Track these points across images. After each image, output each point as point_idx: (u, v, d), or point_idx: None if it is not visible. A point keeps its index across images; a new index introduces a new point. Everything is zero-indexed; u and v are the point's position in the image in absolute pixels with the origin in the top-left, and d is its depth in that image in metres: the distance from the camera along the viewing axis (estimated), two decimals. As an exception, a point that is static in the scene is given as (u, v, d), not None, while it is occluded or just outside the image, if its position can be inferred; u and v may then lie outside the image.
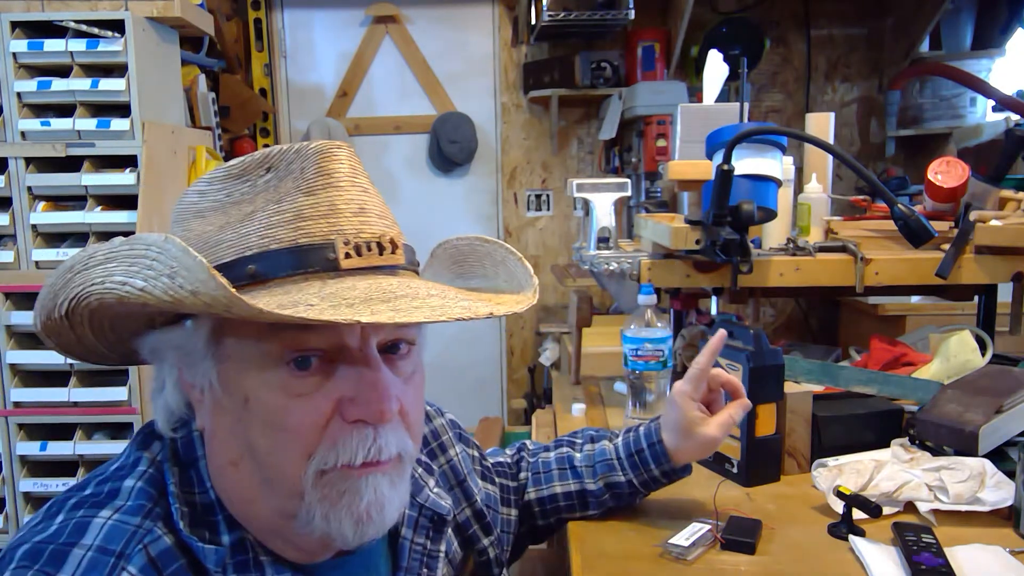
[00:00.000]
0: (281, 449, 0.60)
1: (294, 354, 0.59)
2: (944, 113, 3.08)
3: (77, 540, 0.58)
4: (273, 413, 0.59)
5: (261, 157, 0.63)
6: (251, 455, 0.61)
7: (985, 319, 1.55)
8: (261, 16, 3.28)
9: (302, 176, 0.61)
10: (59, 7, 2.20)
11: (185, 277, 0.52)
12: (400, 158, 3.45)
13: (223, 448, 0.63)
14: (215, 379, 0.61)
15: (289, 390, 0.59)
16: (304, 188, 0.61)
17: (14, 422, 2.22)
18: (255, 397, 0.59)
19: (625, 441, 1.04)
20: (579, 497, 1.04)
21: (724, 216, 1.23)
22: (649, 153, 2.92)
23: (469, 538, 0.87)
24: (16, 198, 2.17)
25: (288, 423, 0.59)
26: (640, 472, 1.02)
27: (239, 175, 0.63)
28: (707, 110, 1.65)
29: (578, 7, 2.91)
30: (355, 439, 0.60)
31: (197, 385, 0.63)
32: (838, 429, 1.22)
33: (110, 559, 0.57)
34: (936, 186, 1.49)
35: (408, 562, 0.74)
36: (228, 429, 0.62)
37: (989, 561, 0.91)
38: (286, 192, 0.61)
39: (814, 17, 3.31)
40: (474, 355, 3.54)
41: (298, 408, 0.59)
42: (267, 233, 0.59)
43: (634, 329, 1.33)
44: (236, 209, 0.62)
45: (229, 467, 0.63)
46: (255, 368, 0.59)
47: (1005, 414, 1.11)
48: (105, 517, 0.60)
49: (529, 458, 1.08)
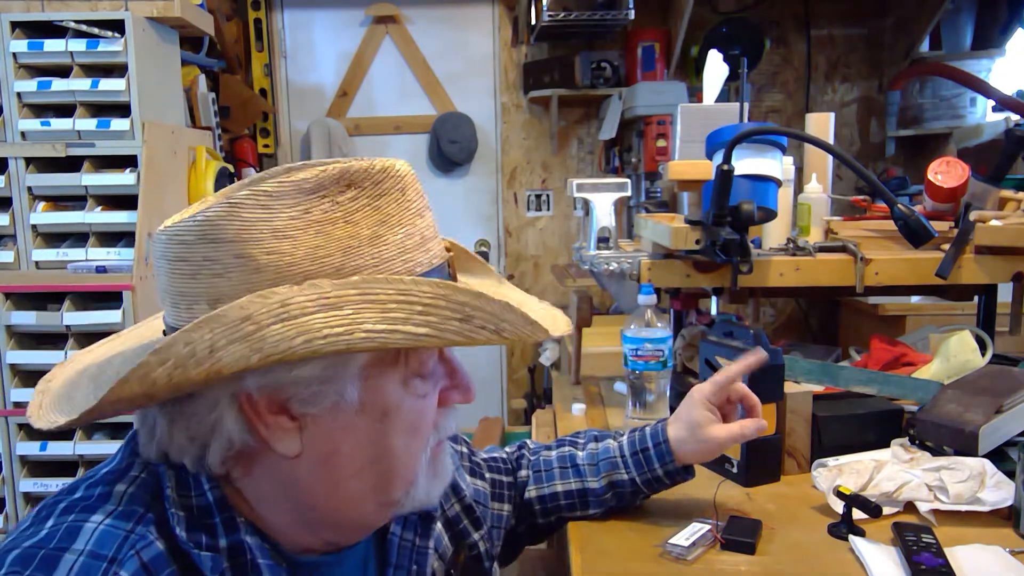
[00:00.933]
0: (413, 445, 0.67)
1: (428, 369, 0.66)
2: (944, 113, 3.08)
3: (68, 545, 0.57)
4: (411, 416, 0.65)
5: (337, 172, 0.61)
6: (380, 461, 0.65)
7: (985, 319, 1.55)
8: (261, 16, 3.28)
9: (404, 196, 0.64)
10: (59, 7, 2.20)
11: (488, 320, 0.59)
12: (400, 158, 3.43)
13: (347, 463, 0.64)
14: (353, 402, 0.62)
15: (418, 394, 0.66)
16: (413, 210, 0.65)
17: (14, 422, 2.22)
18: (396, 408, 0.64)
19: (631, 439, 1.04)
20: (580, 496, 1.04)
21: (724, 216, 1.23)
22: (649, 153, 2.92)
23: (459, 532, 0.88)
24: (16, 198, 2.18)
25: (420, 421, 0.67)
26: (644, 471, 1.02)
27: (312, 191, 0.60)
28: (707, 110, 1.65)
29: (578, 7, 2.91)
30: (450, 419, 0.72)
31: (308, 415, 0.62)
32: (838, 429, 1.22)
33: (102, 564, 0.56)
34: (936, 186, 1.49)
35: (397, 558, 0.76)
36: (358, 444, 0.64)
37: (989, 561, 0.91)
38: (395, 214, 0.63)
39: (814, 17, 3.31)
40: (474, 355, 3.54)
41: (427, 407, 0.67)
42: (408, 257, 0.63)
43: (634, 329, 1.33)
44: (335, 229, 0.60)
45: (350, 478, 0.65)
46: (395, 384, 0.64)
47: (1005, 414, 1.11)
48: (96, 522, 0.59)
49: (530, 456, 1.08)
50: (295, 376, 0.59)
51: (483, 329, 0.59)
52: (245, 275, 0.58)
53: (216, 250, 0.58)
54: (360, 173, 0.62)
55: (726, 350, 1.19)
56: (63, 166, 2.18)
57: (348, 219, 0.61)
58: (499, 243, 3.49)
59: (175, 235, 0.59)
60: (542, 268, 3.48)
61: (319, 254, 0.59)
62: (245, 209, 0.58)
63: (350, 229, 0.60)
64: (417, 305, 0.57)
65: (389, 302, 0.57)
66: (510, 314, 0.60)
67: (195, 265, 0.59)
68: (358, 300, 0.56)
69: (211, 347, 0.55)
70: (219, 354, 0.55)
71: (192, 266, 0.59)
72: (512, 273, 3.48)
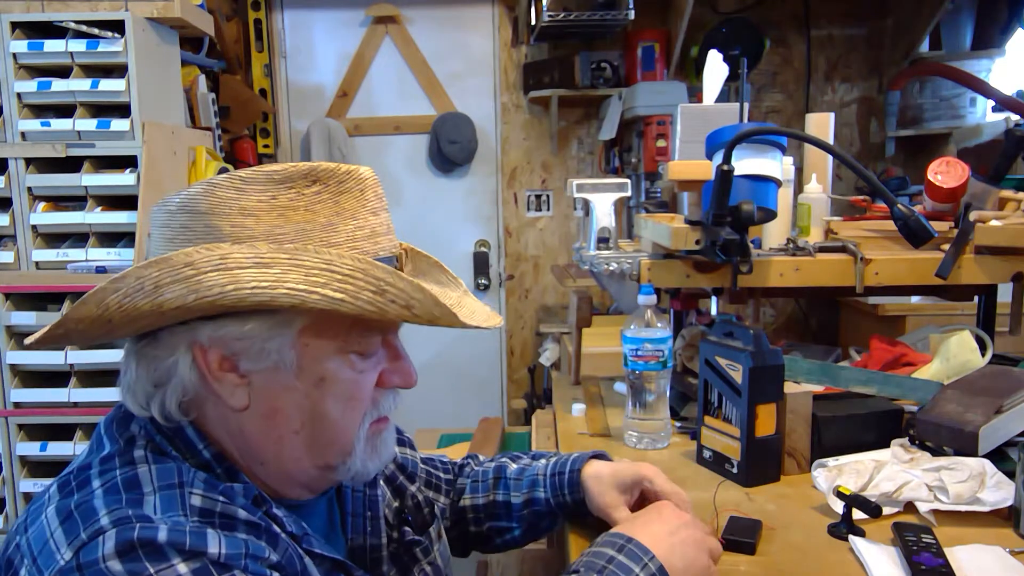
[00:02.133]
0: (349, 413, 0.74)
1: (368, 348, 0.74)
2: (944, 113, 3.08)
3: (140, 488, 0.65)
4: (346, 386, 0.73)
5: (306, 168, 0.71)
6: (315, 423, 0.72)
7: (985, 319, 1.55)
8: (261, 16, 3.28)
9: (363, 196, 0.73)
10: (59, 7, 2.20)
11: (398, 295, 0.66)
12: (400, 158, 3.45)
13: (285, 421, 0.72)
14: (291, 364, 0.70)
15: (355, 368, 0.73)
16: (369, 208, 0.73)
17: (14, 422, 2.22)
18: (332, 376, 0.72)
19: (554, 461, 1.05)
20: (503, 508, 1.05)
21: (724, 216, 1.23)
22: (649, 153, 2.92)
23: (398, 487, 0.96)
24: (16, 198, 2.18)
25: (356, 392, 0.74)
26: (556, 492, 1.02)
27: (281, 181, 0.70)
28: (707, 110, 1.65)
29: (578, 7, 2.91)
30: (391, 398, 0.78)
31: (252, 371, 0.70)
32: (838, 429, 1.22)
33: (175, 491, 0.65)
34: (936, 186, 1.49)
35: (352, 507, 0.86)
36: (295, 404, 0.72)
37: (989, 561, 0.91)
38: (351, 208, 0.72)
39: (814, 17, 3.31)
40: (474, 355, 3.54)
41: (363, 381, 0.74)
42: (355, 245, 0.71)
43: (634, 329, 1.33)
44: (295, 215, 0.69)
45: (290, 435, 0.72)
46: (333, 354, 0.71)
47: (1005, 414, 1.11)
48: (145, 469, 0.67)
49: (475, 466, 1.12)
50: (242, 332, 0.68)
51: (394, 303, 0.66)
52: (210, 242, 0.67)
53: (192, 219, 0.69)
54: (327, 172, 0.72)
55: (726, 350, 1.19)
56: (63, 166, 2.18)
57: (309, 208, 0.70)
58: (499, 243, 3.49)
59: (163, 205, 0.71)
60: (542, 268, 3.48)
61: (275, 232, 0.68)
62: (220, 188, 0.69)
63: (308, 216, 0.70)
64: (337, 274, 0.65)
65: (314, 268, 0.65)
66: (420, 294, 0.66)
67: (174, 231, 0.69)
68: (287, 263, 0.65)
69: (156, 284, 0.64)
70: (162, 290, 0.64)
71: (172, 231, 0.70)
72: (512, 273, 3.48)
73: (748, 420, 1.16)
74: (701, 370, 1.25)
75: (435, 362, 3.50)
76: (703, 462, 1.27)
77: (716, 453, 1.23)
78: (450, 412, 3.41)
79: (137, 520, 0.61)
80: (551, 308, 3.48)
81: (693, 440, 1.33)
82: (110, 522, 0.61)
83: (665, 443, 1.38)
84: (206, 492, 0.66)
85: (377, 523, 0.87)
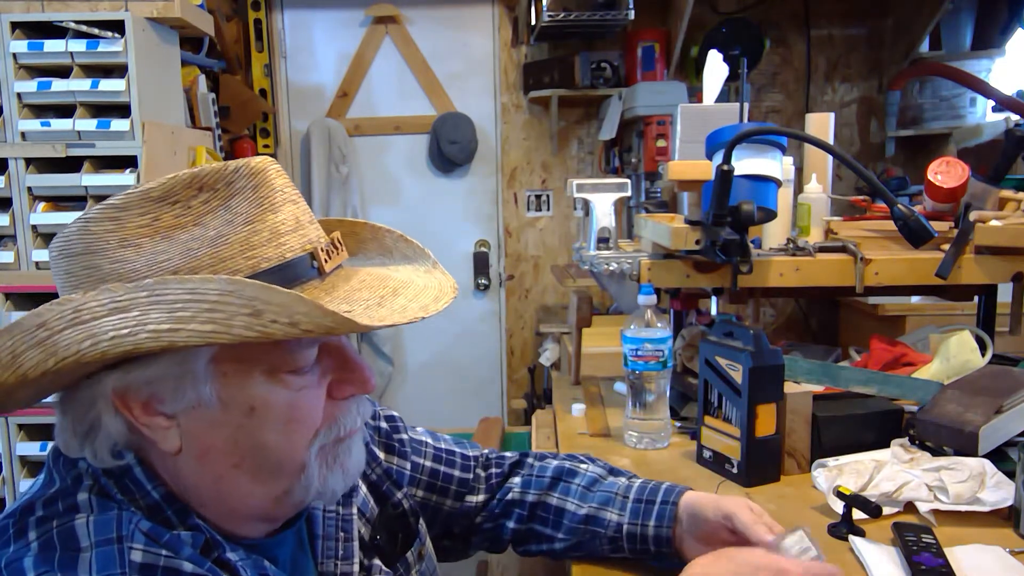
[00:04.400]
0: (292, 438, 0.66)
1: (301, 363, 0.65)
2: (944, 113, 3.08)
3: (77, 545, 0.59)
4: (283, 411, 0.65)
5: (188, 178, 0.63)
6: (256, 454, 0.66)
7: (985, 319, 1.55)
8: (261, 17, 3.28)
9: (256, 194, 0.64)
10: (59, 7, 2.20)
11: (277, 312, 0.56)
12: (400, 158, 3.45)
13: (221, 458, 0.65)
14: (211, 399, 0.63)
15: (292, 388, 0.65)
16: (267, 206, 0.65)
17: (14, 422, 2.22)
18: (263, 403, 0.64)
19: (641, 486, 0.95)
20: (555, 514, 0.97)
21: (724, 216, 1.23)
22: (649, 153, 2.92)
23: (383, 494, 0.89)
24: (16, 199, 2.17)
25: (297, 415, 0.66)
26: (636, 521, 0.92)
27: (162, 198, 0.63)
28: (707, 110, 1.65)
29: (578, 7, 2.91)
30: (351, 412, 0.70)
31: (176, 412, 0.64)
32: (838, 429, 1.22)
33: (113, 547, 0.59)
34: (936, 186, 1.49)
35: (324, 530, 0.79)
36: (227, 439, 0.65)
37: (989, 561, 0.91)
38: (246, 212, 0.64)
39: (814, 17, 3.31)
40: (474, 355, 3.54)
41: (305, 401, 0.66)
42: (253, 254, 0.63)
43: (634, 329, 1.33)
44: (184, 233, 0.62)
45: (231, 471, 0.66)
46: (258, 380, 0.64)
47: (1005, 414, 1.11)
48: (84, 519, 0.61)
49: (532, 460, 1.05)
50: (149, 375, 0.62)
51: (275, 323, 0.57)
52: (93, 284, 0.61)
53: (71, 264, 0.63)
54: (212, 175, 0.64)
55: (726, 350, 1.19)
56: (63, 166, 2.18)
57: (198, 222, 0.63)
58: (499, 243, 3.49)
59: (50, 252, 0.65)
60: (542, 268, 3.48)
61: (159, 259, 0.61)
62: (93, 223, 0.62)
63: (196, 231, 0.62)
64: (204, 303, 0.56)
65: (177, 302, 0.57)
66: (302, 305, 0.57)
67: (59, 279, 0.64)
68: (146, 302, 0.57)
69: (12, 353, 0.57)
70: (20, 359, 0.57)
71: (58, 279, 0.64)
72: (512, 273, 3.48)
73: (748, 420, 1.16)
74: (701, 370, 1.25)
75: (435, 362, 3.49)
76: (703, 462, 1.27)
77: (716, 453, 1.23)
78: (450, 412, 3.42)
79: None
80: (551, 308, 3.48)
81: (693, 440, 1.33)
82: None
83: (665, 443, 1.38)
84: (147, 547, 0.60)
85: (350, 546, 0.80)
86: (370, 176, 3.44)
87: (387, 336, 3.39)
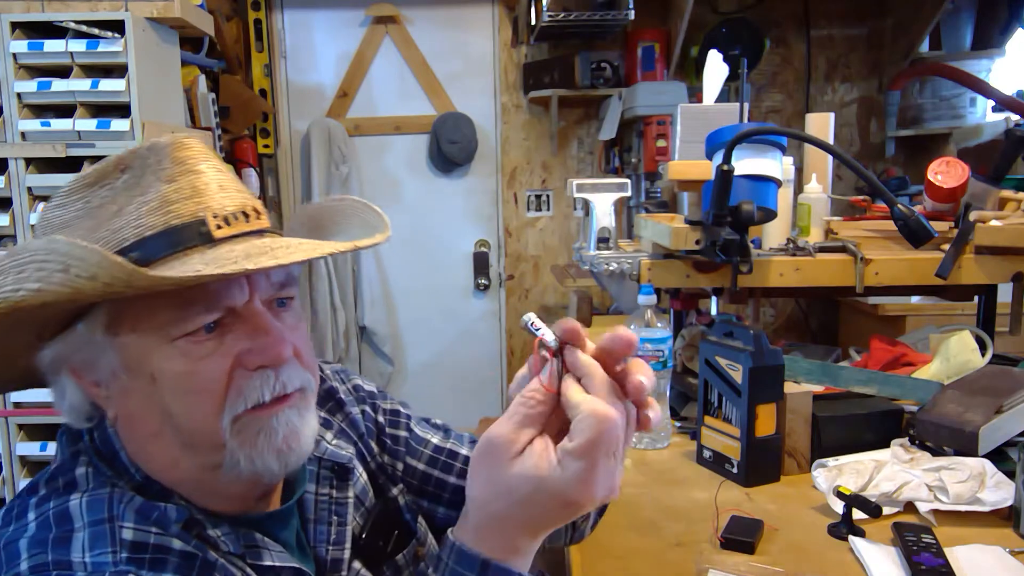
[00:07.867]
0: (195, 408, 0.65)
1: (191, 327, 0.64)
2: (944, 113, 3.08)
3: (70, 526, 0.62)
4: (181, 380, 0.65)
5: (115, 160, 0.67)
6: (168, 423, 0.66)
7: (985, 319, 1.55)
8: (261, 16, 3.28)
9: (160, 167, 0.67)
10: (59, 7, 2.20)
11: (79, 266, 0.57)
12: (400, 158, 3.45)
13: (141, 425, 0.68)
14: (119, 367, 0.66)
15: (191, 356, 0.65)
16: (164, 177, 0.66)
17: (14, 422, 2.22)
18: (160, 371, 0.65)
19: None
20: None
21: (724, 216, 1.23)
22: (649, 153, 2.92)
23: (380, 487, 0.88)
24: (16, 198, 2.17)
25: (196, 385, 0.65)
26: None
27: (95, 182, 0.67)
28: (707, 110, 1.65)
29: (578, 7, 2.91)
30: (259, 382, 0.66)
31: (101, 381, 0.67)
32: (838, 429, 1.22)
33: (104, 526, 0.62)
34: (936, 186, 1.49)
35: (315, 513, 0.78)
36: (142, 407, 0.67)
37: (989, 561, 0.91)
38: (148, 185, 0.66)
39: (814, 17, 3.31)
40: (474, 355, 3.54)
41: (202, 369, 0.65)
42: (140, 223, 0.65)
43: (634, 329, 1.33)
44: (102, 211, 0.66)
45: (152, 439, 0.68)
46: (155, 347, 0.65)
47: (1005, 414, 1.11)
48: (78, 499, 0.64)
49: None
50: (70, 346, 0.66)
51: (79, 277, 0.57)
52: None
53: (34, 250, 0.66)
54: (131, 155, 0.67)
55: (726, 350, 1.19)
56: (63, 166, 2.18)
57: (114, 200, 0.66)
58: (499, 243, 3.49)
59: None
60: (542, 268, 3.48)
61: (80, 236, 0.64)
62: (48, 210, 0.68)
63: (112, 208, 0.66)
64: (34, 263, 0.59)
65: (25, 265, 0.59)
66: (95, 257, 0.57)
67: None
68: (10, 267, 0.60)
69: None
70: None
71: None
72: (512, 273, 3.48)
73: (748, 420, 1.16)
74: (701, 370, 1.25)
75: (435, 362, 3.49)
76: (703, 462, 1.27)
77: (716, 453, 1.23)
78: (450, 412, 3.41)
79: (55, 568, 0.59)
80: (551, 308, 3.48)
81: (693, 440, 1.33)
82: (28, 568, 0.59)
83: (665, 443, 1.38)
84: (137, 524, 0.63)
85: (343, 531, 0.79)
86: (370, 176, 3.44)
87: (387, 336, 3.39)
